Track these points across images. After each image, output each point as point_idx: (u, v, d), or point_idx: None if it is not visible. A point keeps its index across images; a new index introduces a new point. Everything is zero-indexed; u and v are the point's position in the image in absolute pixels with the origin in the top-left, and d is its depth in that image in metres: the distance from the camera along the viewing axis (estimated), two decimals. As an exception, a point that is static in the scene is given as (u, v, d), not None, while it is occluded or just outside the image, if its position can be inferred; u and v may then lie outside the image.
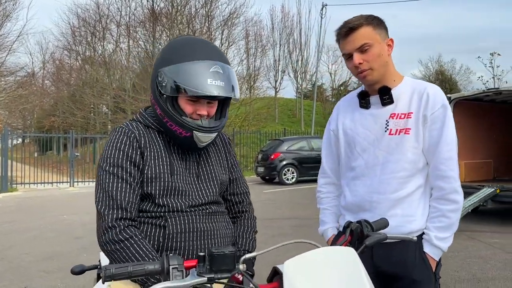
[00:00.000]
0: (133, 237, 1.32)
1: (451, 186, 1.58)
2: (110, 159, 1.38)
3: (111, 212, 1.34)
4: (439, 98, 1.61)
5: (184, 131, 1.38)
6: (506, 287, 3.91)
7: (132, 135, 1.40)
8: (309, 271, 0.95)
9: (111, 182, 1.36)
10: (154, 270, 0.97)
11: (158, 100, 1.38)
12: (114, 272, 0.95)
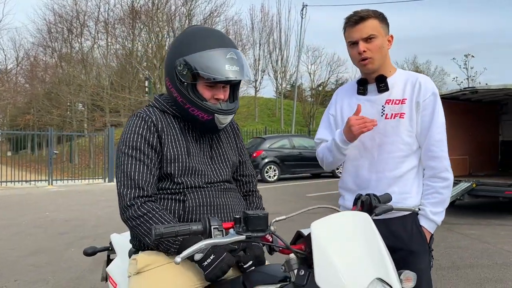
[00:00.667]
0: (151, 211, 1.40)
1: (442, 165, 1.74)
2: (129, 142, 1.46)
3: (129, 191, 1.42)
4: (429, 87, 1.77)
5: (206, 114, 1.48)
6: (483, 273, 4.14)
7: (149, 120, 1.49)
8: (332, 231, 1.08)
9: (129, 163, 1.45)
10: (198, 230, 1.07)
11: (179, 88, 1.47)
12: (163, 231, 1.05)
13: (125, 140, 1.47)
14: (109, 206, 9.02)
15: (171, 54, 1.51)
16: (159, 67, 19.34)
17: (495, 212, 7.61)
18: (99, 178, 15.28)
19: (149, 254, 1.45)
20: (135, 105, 21.40)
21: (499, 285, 3.80)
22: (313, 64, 31.51)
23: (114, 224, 7.01)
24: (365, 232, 1.11)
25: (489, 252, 4.89)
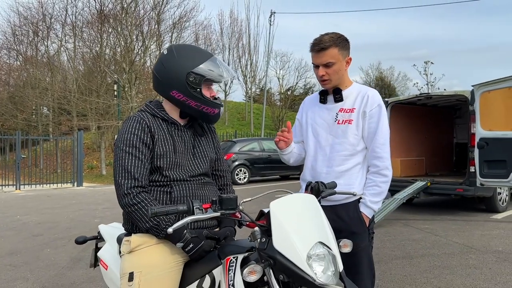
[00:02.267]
0: (144, 201, 1.69)
1: (384, 164, 2.12)
2: (126, 141, 1.74)
3: (126, 182, 1.70)
4: (376, 99, 2.16)
5: (216, 109, 1.83)
6: (433, 261, 4.60)
7: (143, 122, 1.78)
8: (286, 208, 1.41)
9: (126, 158, 1.73)
10: (183, 209, 1.39)
11: (193, 95, 1.76)
12: (157, 211, 1.36)
13: (123, 139, 1.75)
14: (81, 209, 9.10)
15: (175, 70, 1.76)
16: (128, 71, 19.30)
17: (448, 208, 8.21)
18: (68, 183, 15.15)
19: (141, 236, 1.74)
20: (103, 108, 21.24)
21: (446, 270, 4.26)
22: (282, 69, 32.20)
23: (88, 226, 7.16)
24: (311, 209, 1.45)
25: (440, 244, 5.39)
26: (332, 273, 1.33)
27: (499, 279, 3.96)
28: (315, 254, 1.33)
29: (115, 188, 1.75)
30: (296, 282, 1.33)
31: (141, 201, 1.69)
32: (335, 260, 1.36)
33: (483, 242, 5.40)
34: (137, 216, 1.68)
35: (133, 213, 1.68)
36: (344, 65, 2.12)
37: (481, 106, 6.72)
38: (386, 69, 40.22)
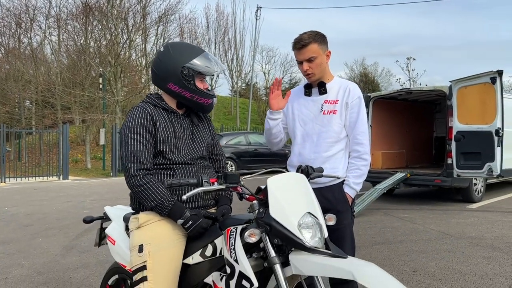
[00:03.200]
0: (149, 182, 1.88)
1: (364, 150, 2.36)
2: (132, 129, 1.92)
3: (133, 165, 1.89)
4: (356, 92, 2.39)
5: (209, 100, 2.02)
6: (410, 246, 4.88)
7: (145, 111, 1.97)
8: (281, 184, 1.63)
9: (132, 144, 1.91)
10: (194, 182, 1.60)
11: (187, 87, 1.95)
12: (172, 182, 1.57)
13: (128, 127, 1.93)
14: (69, 201, 9.18)
15: (174, 64, 1.95)
16: (114, 64, 19.25)
17: (426, 199, 8.57)
18: (54, 176, 15.12)
19: (147, 213, 1.93)
20: (88, 102, 21.13)
21: (422, 254, 4.55)
22: (268, 63, 32.40)
23: (77, 217, 7.28)
24: (302, 186, 1.67)
25: (417, 231, 5.70)
26: (319, 239, 1.56)
27: (471, 261, 4.26)
28: (304, 222, 1.55)
29: (123, 171, 1.94)
30: (289, 245, 1.54)
31: (147, 183, 1.87)
32: (321, 229, 1.59)
33: (458, 229, 5.73)
34: (143, 196, 1.86)
35: (140, 193, 1.87)
36: (324, 58, 2.35)
37: (458, 101, 7.06)
38: (370, 65, 40.80)
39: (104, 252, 4.93)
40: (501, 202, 8.10)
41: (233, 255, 1.62)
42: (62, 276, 4.09)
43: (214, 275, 1.75)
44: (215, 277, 1.73)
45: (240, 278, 1.57)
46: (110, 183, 13.49)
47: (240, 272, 1.58)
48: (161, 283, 1.79)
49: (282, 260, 1.56)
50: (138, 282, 1.81)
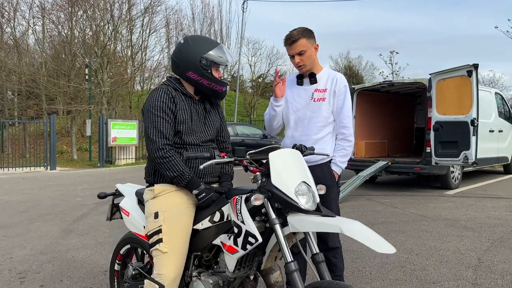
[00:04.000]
0: (172, 156, 2.10)
1: (349, 132, 2.67)
2: (156, 106, 2.13)
3: (159, 140, 2.11)
4: (343, 82, 2.69)
5: (223, 87, 2.26)
6: (391, 227, 5.25)
7: (169, 92, 2.18)
8: (280, 158, 1.91)
9: (158, 121, 2.13)
10: (208, 156, 1.88)
11: (205, 75, 2.17)
12: (189, 155, 1.84)
13: (154, 106, 2.14)
14: (60, 190, 9.33)
15: (193, 54, 2.18)
16: (100, 55, 19.21)
17: (407, 186, 9.00)
18: (41, 166, 15.14)
19: (162, 185, 2.19)
20: (74, 92, 21.04)
21: (401, 234, 4.92)
22: (254, 56, 32.56)
23: (71, 204, 7.48)
24: (298, 160, 1.96)
25: (397, 214, 6.09)
26: (312, 203, 1.85)
27: (445, 239, 4.65)
28: (300, 189, 1.84)
29: (147, 144, 2.15)
30: (287, 208, 1.83)
31: (171, 156, 2.10)
32: (314, 195, 1.88)
33: (435, 212, 6.14)
34: (167, 167, 2.09)
35: (164, 164, 2.09)
36: (313, 51, 2.64)
37: (437, 93, 7.46)
38: (354, 58, 41.29)
39: (102, 234, 5.18)
40: (476, 188, 8.57)
41: (240, 217, 1.91)
42: (64, 255, 4.33)
43: (221, 237, 2.03)
44: (222, 238, 2.02)
45: (246, 235, 1.86)
46: (98, 173, 13.62)
47: (246, 231, 1.86)
48: (174, 244, 2.06)
49: (281, 221, 1.84)
50: (155, 244, 2.08)
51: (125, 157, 17.03)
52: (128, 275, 2.59)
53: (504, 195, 7.72)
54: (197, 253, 2.18)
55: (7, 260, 4.19)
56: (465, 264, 3.81)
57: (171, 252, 2.05)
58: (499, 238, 4.68)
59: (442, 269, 3.67)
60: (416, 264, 3.84)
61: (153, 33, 25.32)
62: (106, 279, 3.57)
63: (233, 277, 2.01)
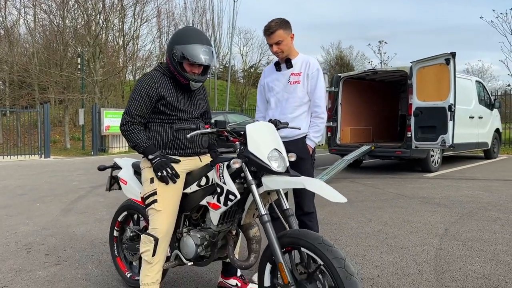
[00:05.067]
0: (132, 130, 2.43)
1: (321, 110, 3.02)
2: (136, 91, 2.47)
3: (125, 116, 2.45)
4: (315, 65, 3.03)
5: (185, 80, 2.51)
6: (370, 204, 5.64)
7: (152, 80, 2.50)
8: (256, 129, 2.25)
9: (132, 102, 2.45)
10: (193, 127, 2.22)
11: (173, 63, 2.47)
12: (178, 127, 2.18)
13: (135, 89, 2.47)
14: (56, 176, 9.62)
15: (171, 42, 2.50)
16: (92, 44, 19.34)
17: (390, 170, 9.41)
18: (35, 154, 15.38)
19: None
20: (66, 82, 21.17)
21: (378, 209, 5.31)
22: (245, 46, 32.79)
23: (68, 188, 7.79)
24: (271, 131, 2.30)
25: (377, 193, 6.48)
26: (282, 167, 2.20)
27: (418, 214, 5.05)
28: (272, 155, 2.18)
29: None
30: (261, 171, 2.17)
31: (131, 130, 2.44)
32: (284, 160, 2.23)
33: (412, 192, 6.54)
34: (127, 138, 2.46)
35: (125, 136, 2.46)
36: (289, 40, 2.97)
37: (417, 80, 7.83)
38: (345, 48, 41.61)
39: (100, 213, 5.51)
40: (455, 172, 9.00)
41: (222, 179, 2.25)
42: (66, 230, 4.66)
43: (207, 198, 2.37)
44: (208, 199, 2.36)
45: (227, 194, 2.21)
46: (93, 161, 13.89)
47: (227, 190, 2.21)
48: (166, 204, 2.41)
49: (256, 182, 2.19)
50: (150, 204, 2.43)
51: (118, 145, 17.30)
52: (127, 237, 2.94)
53: (480, 177, 8.16)
54: (187, 213, 2.53)
55: (12, 234, 4.52)
56: (433, 233, 4.20)
57: (164, 210, 2.40)
58: (468, 212, 5.09)
59: (411, 238, 4.06)
60: (388, 233, 4.23)
61: (145, 23, 25.42)
62: (106, 248, 3.92)
63: (217, 230, 2.36)
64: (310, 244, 1.98)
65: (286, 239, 2.10)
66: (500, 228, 4.35)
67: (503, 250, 3.63)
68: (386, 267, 3.26)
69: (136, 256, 2.90)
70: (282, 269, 2.05)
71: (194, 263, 2.50)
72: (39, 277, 3.22)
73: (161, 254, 2.41)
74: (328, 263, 1.89)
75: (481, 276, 3.04)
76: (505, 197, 6.00)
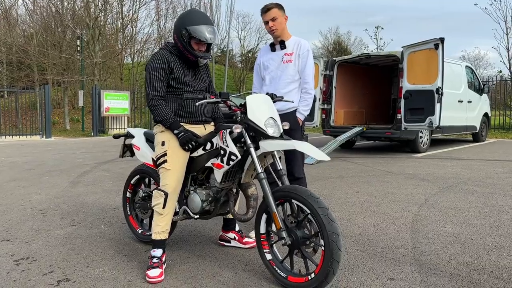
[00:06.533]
0: (160, 105, 2.78)
1: (310, 86, 3.39)
2: (153, 68, 2.81)
3: (152, 92, 2.81)
4: (306, 46, 3.39)
5: (193, 56, 2.87)
6: (358, 179, 6.05)
7: (164, 57, 2.84)
8: (255, 100, 2.62)
9: (152, 78, 2.81)
10: (201, 97, 2.58)
11: (182, 42, 2.82)
12: (188, 97, 2.54)
13: (151, 67, 2.81)
14: (60, 153, 9.98)
15: (180, 23, 2.82)
16: (92, 27, 19.48)
17: (381, 151, 9.83)
18: (36, 135, 15.68)
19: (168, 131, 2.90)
20: (65, 64, 21.35)
21: (366, 184, 5.72)
22: (243, 30, 32.81)
23: (73, 164, 8.16)
24: (268, 102, 2.67)
25: (366, 170, 6.90)
26: (277, 133, 2.57)
27: (402, 187, 5.46)
28: (268, 123, 2.56)
29: (146, 95, 2.88)
30: (259, 135, 2.55)
31: (159, 104, 2.79)
32: (279, 127, 2.60)
33: (399, 169, 6.96)
34: (155, 113, 2.79)
35: (154, 111, 2.79)
36: (283, 20, 3.33)
37: (408, 64, 8.20)
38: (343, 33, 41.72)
39: (107, 185, 5.90)
40: (442, 152, 9.43)
41: (225, 143, 2.63)
42: (76, 199, 5.05)
43: (212, 160, 2.76)
44: (212, 160, 2.75)
45: (229, 155, 2.59)
46: (94, 141, 14.24)
47: (230, 152, 2.59)
48: (175, 164, 2.79)
49: (254, 146, 2.57)
50: (161, 164, 2.80)
51: (117, 127, 17.62)
52: (139, 197, 3.33)
53: (465, 157, 8.59)
54: (194, 174, 2.91)
55: (27, 202, 4.90)
56: (413, 202, 4.62)
57: (173, 169, 2.78)
58: (448, 186, 5.51)
59: (393, 206, 4.48)
60: (372, 202, 4.64)
61: (143, 6, 25.45)
62: (116, 213, 4.31)
63: (220, 187, 2.75)
64: (299, 196, 2.37)
65: (279, 193, 2.49)
66: (475, 199, 4.78)
67: (474, 215, 4.05)
68: (368, 228, 3.68)
69: (147, 214, 3.30)
70: (275, 217, 2.45)
71: (200, 217, 2.90)
72: (57, 235, 3.61)
73: (170, 207, 2.79)
74: (314, 211, 2.28)
75: (450, 235, 3.46)
76: (485, 174, 6.44)
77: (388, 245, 3.21)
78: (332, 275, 2.22)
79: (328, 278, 2.23)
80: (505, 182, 5.77)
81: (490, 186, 5.52)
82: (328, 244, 2.19)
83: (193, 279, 2.63)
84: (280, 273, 2.49)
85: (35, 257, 3.05)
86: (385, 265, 2.80)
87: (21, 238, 3.51)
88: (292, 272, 2.48)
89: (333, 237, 2.19)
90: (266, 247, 2.61)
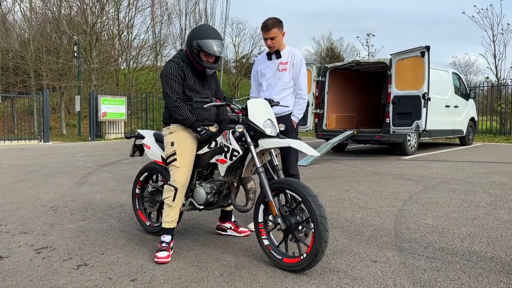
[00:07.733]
0: (182, 106, 3.12)
1: (303, 92, 3.76)
2: (171, 74, 3.13)
3: (173, 94, 3.13)
4: (299, 56, 3.76)
5: (201, 67, 3.22)
6: (348, 179, 6.41)
7: (179, 64, 3.19)
8: (255, 104, 2.98)
9: (171, 82, 3.15)
10: (208, 101, 2.94)
11: (192, 53, 3.16)
12: (197, 100, 2.90)
13: (169, 72, 3.12)
14: (60, 157, 10.25)
15: (191, 36, 3.16)
16: (89, 33, 19.79)
17: (371, 154, 10.23)
18: (34, 139, 15.91)
19: (176, 125, 3.23)
20: (62, 69, 21.60)
21: (354, 182, 6.09)
22: (238, 36, 33.28)
23: (75, 166, 8.44)
24: (266, 106, 3.02)
25: (356, 171, 7.28)
26: (274, 133, 2.93)
27: (389, 186, 5.84)
28: (266, 123, 2.91)
29: (165, 98, 3.19)
30: (258, 135, 2.90)
31: (181, 106, 3.12)
32: (276, 128, 2.96)
33: (387, 170, 7.35)
34: (178, 113, 3.12)
35: (176, 112, 3.11)
36: (281, 36, 3.69)
37: (396, 71, 8.62)
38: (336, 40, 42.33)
39: (111, 185, 6.21)
40: (429, 155, 9.85)
41: (228, 141, 2.98)
42: (83, 197, 5.36)
43: (216, 156, 3.11)
44: (217, 157, 3.10)
45: (232, 151, 2.94)
46: (92, 145, 14.50)
47: (232, 148, 2.94)
48: (184, 162, 3.13)
49: (254, 144, 2.92)
50: (171, 162, 3.15)
51: (114, 131, 17.89)
52: (148, 191, 3.67)
53: (451, 159, 9.01)
54: (199, 169, 3.27)
55: (37, 200, 5.20)
56: (398, 199, 5.00)
57: (182, 167, 3.13)
58: (432, 185, 5.90)
59: (379, 202, 4.85)
60: (360, 199, 5.01)
61: (140, 12, 25.82)
62: (123, 209, 4.64)
63: (223, 181, 3.10)
64: (292, 186, 2.73)
65: (275, 185, 2.85)
66: (456, 196, 5.17)
67: (453, 210, 4.43)
68: (355, 220, 4.04)
69: (155, 207, 3.63)
70: (272, 206, 2.80)
71: (205, 208, 3.25)
72: (71, 228, 3.93)
73: (179, 200, 3.14)
74: (305, 198, 2.64)
75: (430, 226, 3.83)
76: (467, 174, 6.84)
77: (373, 234, 3.57)
78: (321, 254, 2.57)
79: (318, 257, 2.58)
80: (485, 181, 6.17)
81: (471, 184, 5.91)
82: (317, 226, 2.54)
83: (199, 262, 2.97)
84: (276, 256, 2.84)
85: (53, 247, 3.37)
86: (369, 250, 3.16)
87: (37, 231, 3.82)
88: (286, 255, 2.83)
89: (321, 220, 2.54)
90: (264, 234, 2.96)
